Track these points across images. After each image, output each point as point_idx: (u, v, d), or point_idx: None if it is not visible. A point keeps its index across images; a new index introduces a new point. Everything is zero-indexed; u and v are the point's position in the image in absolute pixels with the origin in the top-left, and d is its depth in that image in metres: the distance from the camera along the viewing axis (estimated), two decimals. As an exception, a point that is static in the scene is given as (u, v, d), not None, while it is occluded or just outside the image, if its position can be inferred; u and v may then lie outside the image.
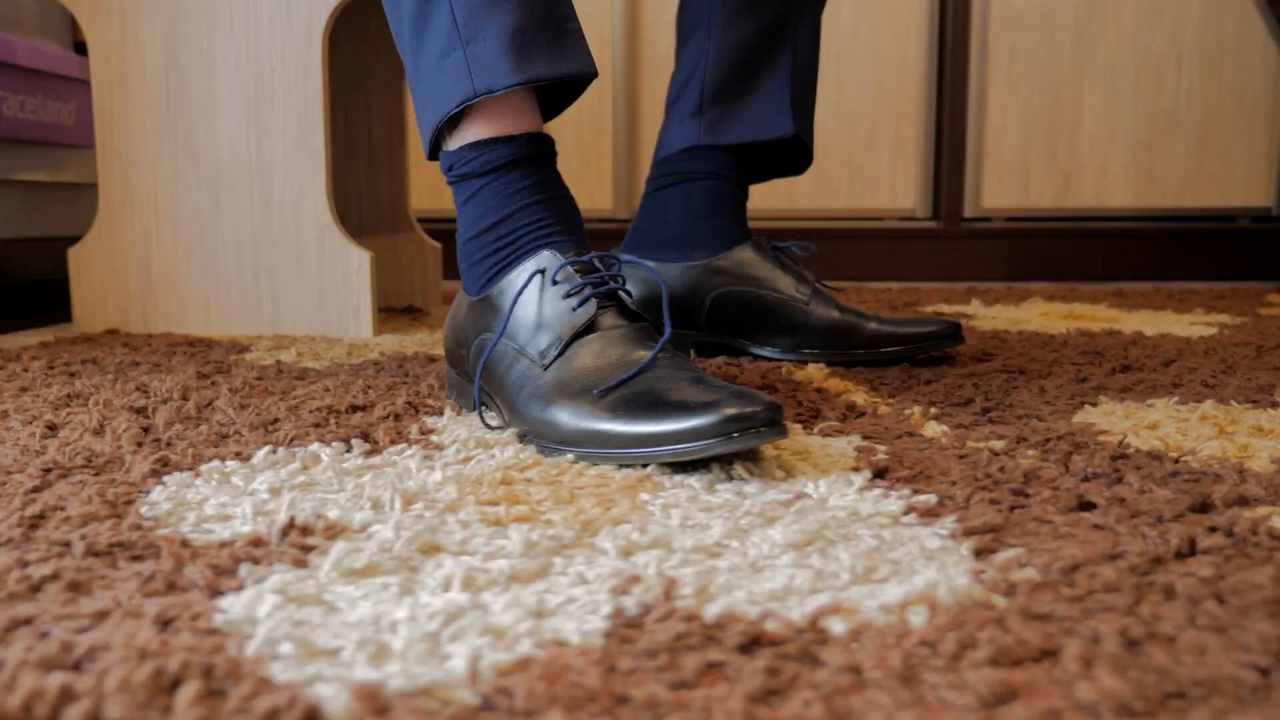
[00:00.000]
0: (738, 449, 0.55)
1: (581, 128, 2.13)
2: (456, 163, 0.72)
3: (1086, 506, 0.51)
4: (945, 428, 0.68)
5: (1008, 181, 2.13)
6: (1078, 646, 0.34)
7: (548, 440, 0.62)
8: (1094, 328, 1.21)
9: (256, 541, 0.45)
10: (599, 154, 2.16)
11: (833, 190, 2.17)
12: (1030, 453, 0.61)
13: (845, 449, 0.63)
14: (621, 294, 0.68)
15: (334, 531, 0.46)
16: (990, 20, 2.08)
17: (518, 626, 0.36)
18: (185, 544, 0.44)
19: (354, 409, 0.72)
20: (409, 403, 0.74)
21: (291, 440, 0.63)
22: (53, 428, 0.66)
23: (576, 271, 0.68)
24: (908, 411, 0.73)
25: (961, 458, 0.60)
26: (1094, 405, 0.75)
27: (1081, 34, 2.08)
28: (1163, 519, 0.49)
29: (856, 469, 0.57)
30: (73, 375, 0.85)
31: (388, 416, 0.70)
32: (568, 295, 0.67)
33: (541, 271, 0.68)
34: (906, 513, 0.50)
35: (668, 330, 0.64)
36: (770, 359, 0.97)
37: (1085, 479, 0.56)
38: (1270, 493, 0.53)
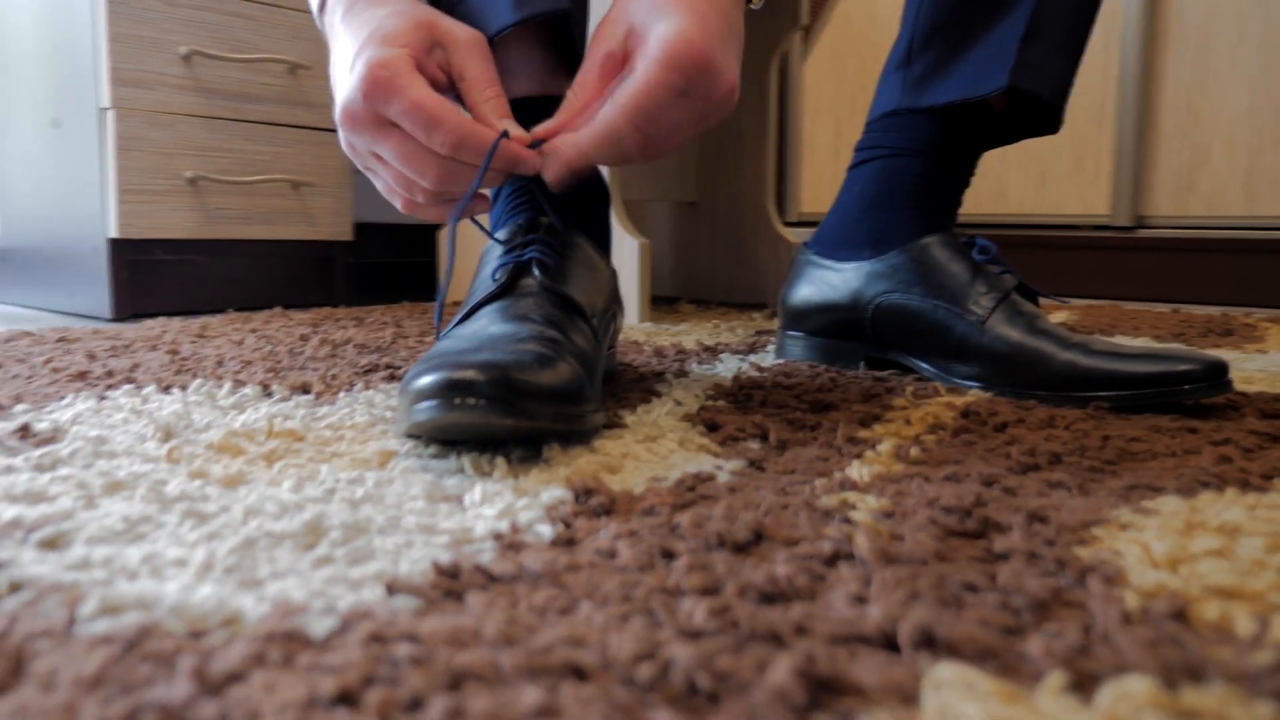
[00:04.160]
0: (447, 420, 0.46)
1: (1076, 117, 1.81)
2: None
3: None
4: (868, 473, 0.47)
5: None
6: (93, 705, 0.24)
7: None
8: None
9: (-16, 436, 0.52)
10: (1096, 148, 1.82)
11: None
12: (832, 527, 0.40)
13: (657, 469, 0.48)
14: (538, 265, 0.60)
15: (39, 440, 0.51)
16: None
17: None
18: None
19: (388, 367, 0.75)
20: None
21: (268, 378, 0.69)
22: (237, 343, 0.82)
23: (507, 241, 0.62)
24: (879, 449, 0.52)
25: (769, 507, 0.42)
26: (1150, 501, 0.45)
27: None
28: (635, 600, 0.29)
29: (572, 487, 0.44)
30: (315, 325, 1.02)
31: (386, 376, 0.72)
32: (495, 264, 0.62)
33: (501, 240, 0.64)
34: (494, 539, 0.38)
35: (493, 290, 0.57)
36: (929, 377, 0.75)
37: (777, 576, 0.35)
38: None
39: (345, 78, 0.54)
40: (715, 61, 0.52)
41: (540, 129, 0.56)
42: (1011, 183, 1.91)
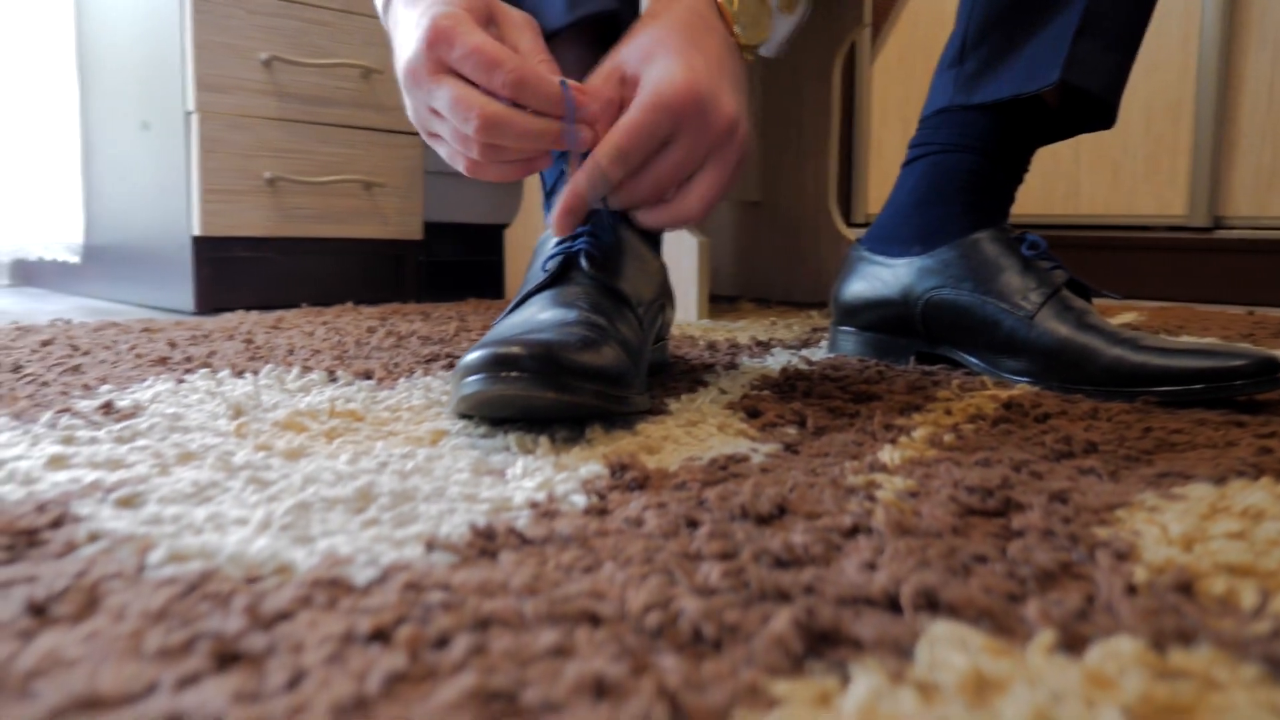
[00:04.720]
0: (492, 392, 0.49)
1: (1153, 115, 1.78)
2: None
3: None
4: (899, 457, 0.48)
5: None
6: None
7: (459, 394, 0.61)
8: None
9: (67, 409, 0.56)
10: (1173, 147, 1.78)
11: None
12: (860, 506, 0.41)
13: (694, 450, 0.50)
14: (586, 256, 0.62)
15: (120, 416, 0.55)
16: None
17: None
18: (68, 394, 0.57)
19: (448, 356, 0.79)
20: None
21: (334, 365, 0.72)
22: (309, 334, 0.86)
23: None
24: (914, 435, 0.53)
25: (784, 486, 0.43)
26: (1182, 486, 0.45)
27: None
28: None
29: (609, 464, 0.46)
30: (383, 318, 1.06)
31: (446, 365, 0.75)
32: (547, 255, 0.64)
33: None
34: (530, 507, 0.40)
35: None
36: (979, 372, 0.76)
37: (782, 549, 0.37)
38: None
39: (408, 45, 0.55)
40: (703, 98, 0.54)
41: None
42: (1084, 182, 1.88)
